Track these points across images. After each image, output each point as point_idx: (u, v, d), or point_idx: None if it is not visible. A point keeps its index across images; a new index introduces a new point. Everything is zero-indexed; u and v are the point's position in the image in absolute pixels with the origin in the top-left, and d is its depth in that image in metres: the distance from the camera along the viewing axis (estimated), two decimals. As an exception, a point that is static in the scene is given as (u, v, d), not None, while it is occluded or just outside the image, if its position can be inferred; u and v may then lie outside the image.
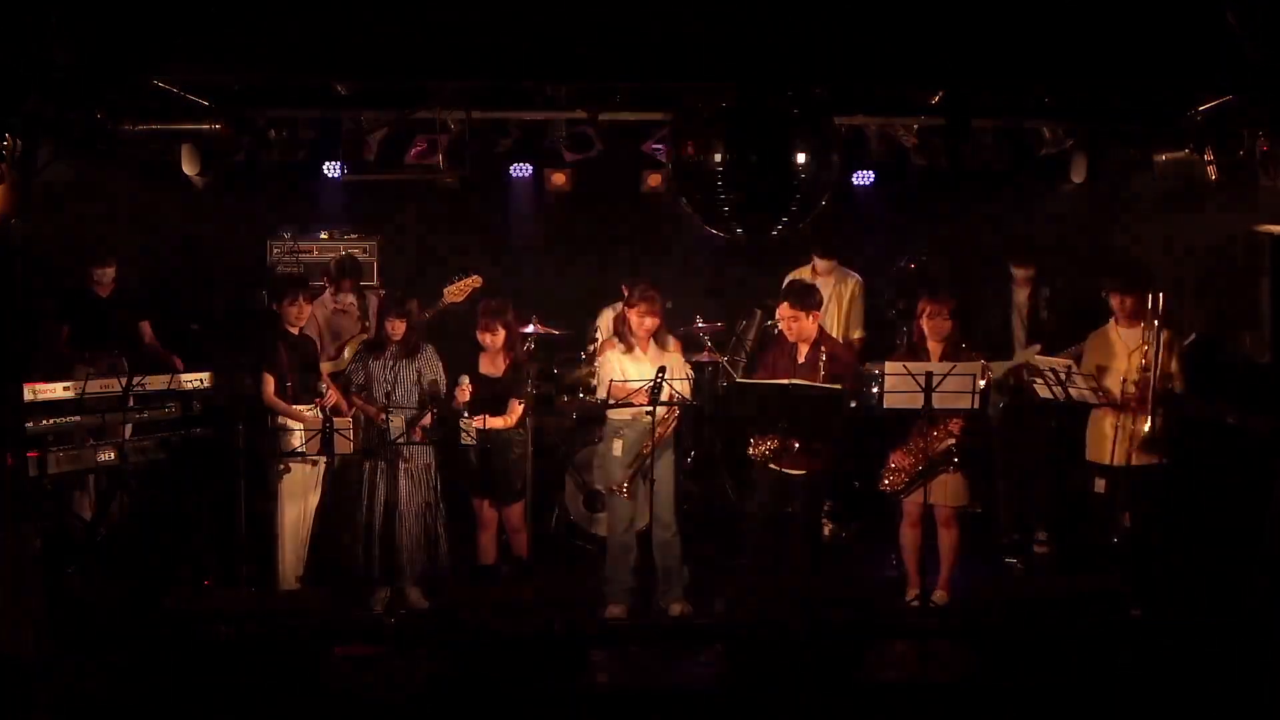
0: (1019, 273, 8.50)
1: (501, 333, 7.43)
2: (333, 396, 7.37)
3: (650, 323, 7.16)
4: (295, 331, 7.45)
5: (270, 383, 7.30)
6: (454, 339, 7.78)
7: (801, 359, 7.25)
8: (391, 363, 7.38)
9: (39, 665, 5.87)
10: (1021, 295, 8.47)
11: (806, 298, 7.22)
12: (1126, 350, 7.44)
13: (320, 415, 7.30)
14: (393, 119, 7.32)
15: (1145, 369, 7.30)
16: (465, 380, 7.27)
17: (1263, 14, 5.79)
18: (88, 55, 5.90)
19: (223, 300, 8.56)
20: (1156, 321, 7.29)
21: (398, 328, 7.40)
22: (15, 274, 6.07)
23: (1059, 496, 7.94)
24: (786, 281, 7.84)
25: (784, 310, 7.27)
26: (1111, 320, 7.55)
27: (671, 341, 7.38)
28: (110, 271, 8.02)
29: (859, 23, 6.02)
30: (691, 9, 5.99)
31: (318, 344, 7.74)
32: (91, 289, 8.00)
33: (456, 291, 7.73)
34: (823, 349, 7.10)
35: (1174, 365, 7.30)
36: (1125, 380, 7.27)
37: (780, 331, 7.52)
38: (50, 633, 5.99)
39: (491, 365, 7.50)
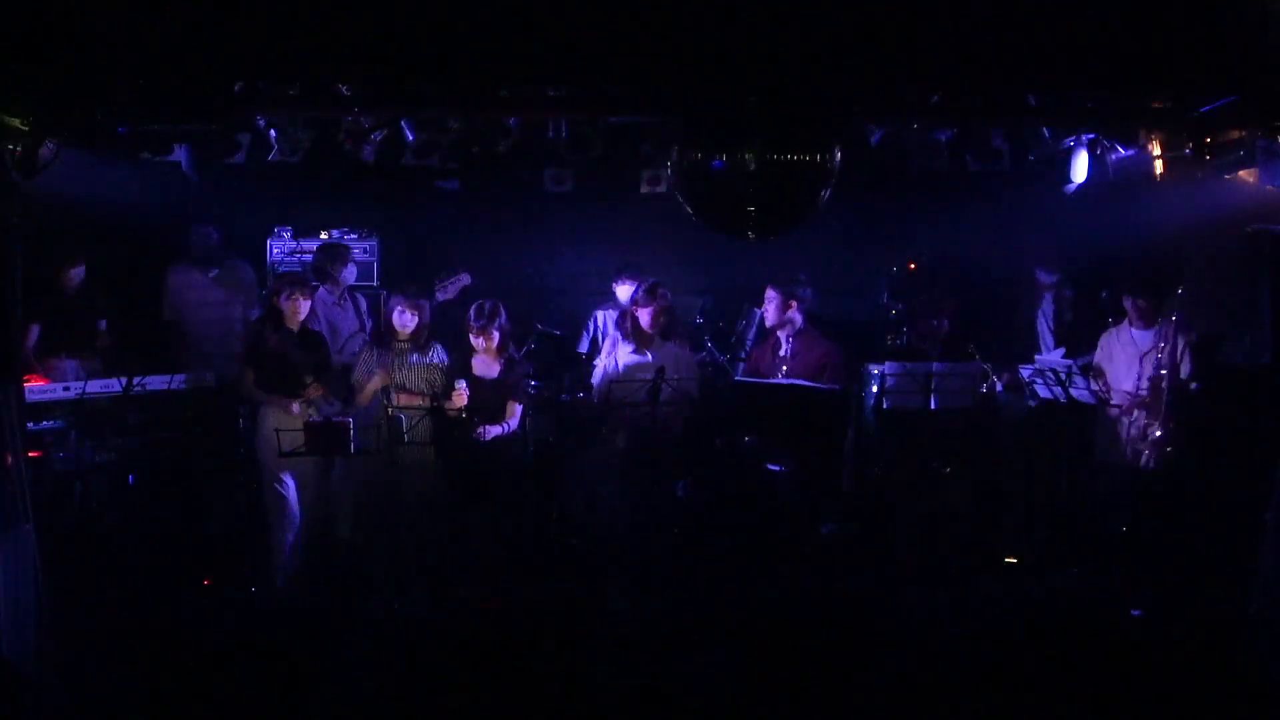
0: (1046, 279, 8.55)
1: (495, 335, 7.44)
2: (315, 389, 7.39)
3: (663, 319, 7.27)
4: (294, 329, 7.46)
5: (249, 375, 7.32)
6: (448, 341, 7.81)
7: (783, 351, 7.31)
8: (401, 358, 7.40)
9: (39, 666, 5.87)
10: (1047, 300, 8.51)
11: (790, 283, 7.28)
12: (1139, 352, 7.48)
13: (309, 410, 7.32)
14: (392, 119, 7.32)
15: (1160, 371, 7.35)
16: (461, 385, 7.27)
17: None
18: (89, 56, 5.90)
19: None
20: (1174, 322, 7.35)
21: (409, 324, 7.42)
22: (15, 274, 6.06)
23: (1067, 496, 7.95)
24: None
25: (769, 292, 7.36)
26: (1125, 321, 7.58)
27: (674, 339, 7.44)
28: (80, 272, 8.02)
29: (860, 24, 6.01)
30: (696, 12, 5.99)
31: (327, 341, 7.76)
32: (60, 289, 7.98)
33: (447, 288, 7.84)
34: (798, 343, 7.19)
35: (1187, 368, 7.33)
36: (1140, 381, 7.31)
37: (770, 328, 7.58)
38: (50, 633, 5.99)
39: (486, 368, 7.50)
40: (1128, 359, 7.58)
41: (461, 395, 7.25)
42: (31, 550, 5.96)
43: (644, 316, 7.61)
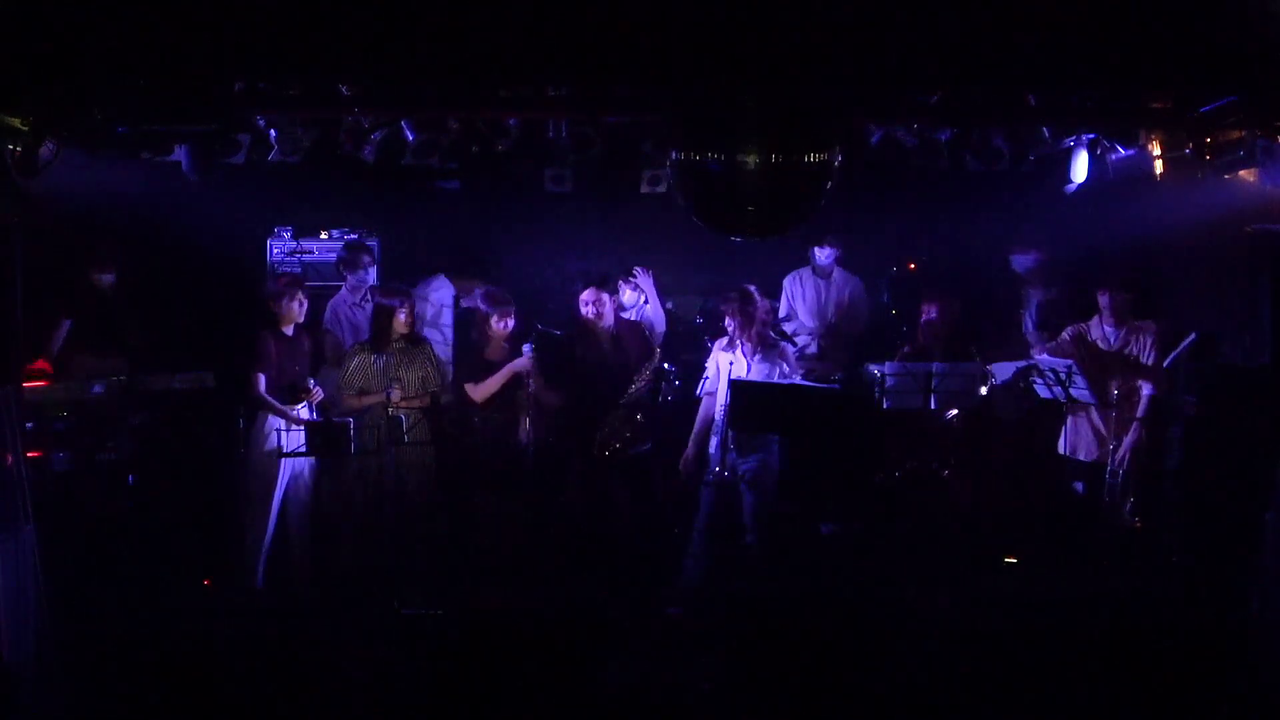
0: (1023, 264, 8.57)
1: (512, 321, 7.53)
2: (319, 394, 7.39)
3: (733, 325, 7.33)
4: (289, 331, 7.45)
5: (260, 381, 7.31)
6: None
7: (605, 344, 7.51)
8: (395, 359, 7.39)
9: (39, 666, 5.87)
10: (1033, 300, 8.53)
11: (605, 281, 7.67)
12: (1110, 348, 7.49)
13: (309, 413, 7.32)
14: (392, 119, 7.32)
15: (1130, 369, 7.38)
16: (527, 349, 7.41)
17: None
18: (89, 56, 5.90)
19: (221, 300, 8.57)
20: (1147, 324, 7.37)
21: (401, 323, 7.42)
22: (16, 274, 6.06)
23: (1053, 495, 7.96)
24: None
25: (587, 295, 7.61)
26: (1096, 318, 7.59)
27: (778, 343, 7.56)
28: (110, 277, 8.03)
29: (860, 24, 6.02)
30: (696, 11, 5.99)
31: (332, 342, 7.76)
32: (94, 288, 8.00)
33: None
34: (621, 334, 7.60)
35: (1154, 367, 7.35)
36: (1108, 377, 7.34)
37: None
38: (50, 633, 5.99)
39: (498, 352, 7.57)
40: (1093, 355, 7.58)
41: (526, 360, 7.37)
42: (31, 550, 5.96)
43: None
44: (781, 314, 8.96)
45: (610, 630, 6.53)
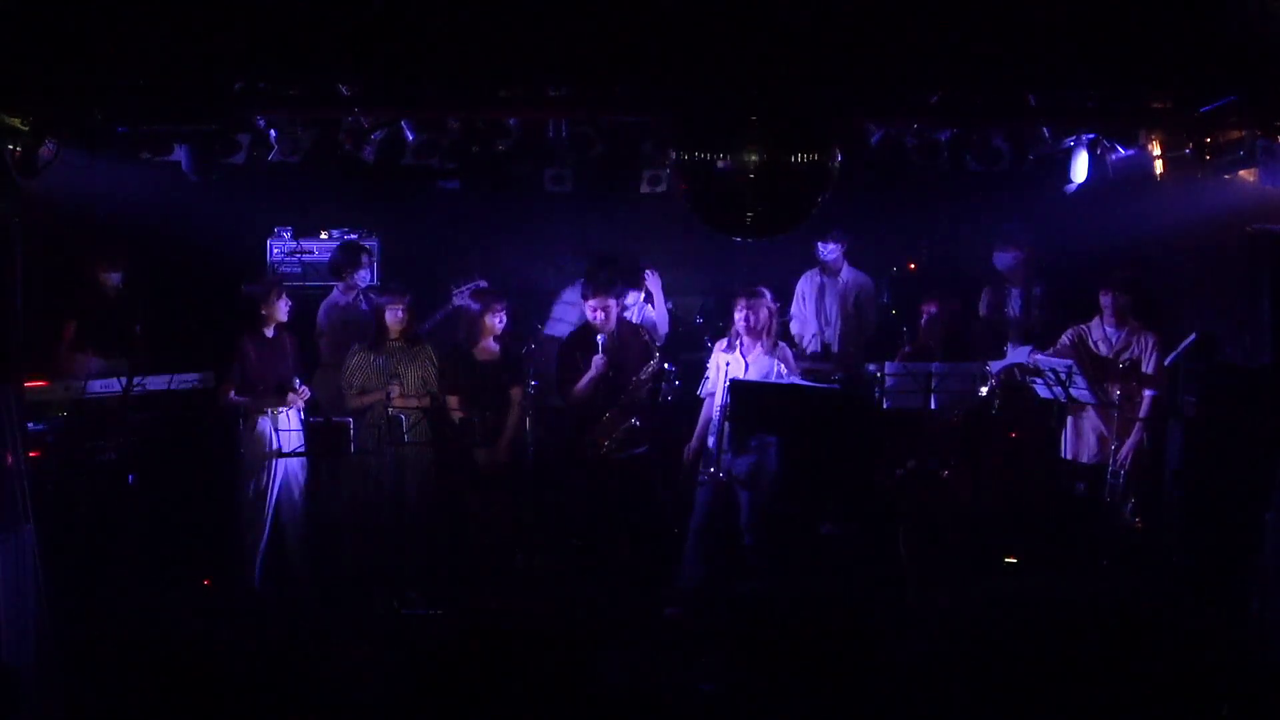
0: (1004, 261, 8.57)
1: (503, 317, 7.54)
2: (304, 393, 7.39)
3: (742, 323, 7.31)
4: (270, 333, 7.45)
5: (228, 390, 7.30)
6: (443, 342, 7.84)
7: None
8: (393, 358, 7.39)
9: (38, 667, 5.87)
10: (1014, 296, 8.52)
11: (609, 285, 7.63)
12: (1111, 349, 7.50)
13: (298, 415, 7.33)
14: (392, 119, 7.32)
15: (1130, 369, 7.38)
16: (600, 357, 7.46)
17: None
18: (89, 56, 5.91)
19: (221, 300, 8.57)
20: (1141, 325, 7.38)
21: (397, 322, 7.41)
22: (15, 274, 6.06)
23: (1053, 495, 7.96)
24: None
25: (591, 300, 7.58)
26: (1097, 318, 7.59)
27: (778, 343, 7.52)
28: (116, 277, 8.03)
29: (860, 24, 6.02)
30: (693, 12, 5.99)
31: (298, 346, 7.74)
32: (99, 287, 8.00)
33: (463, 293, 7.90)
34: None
35: (1155, 368, 7.36)
36: (1108, 379, 7.35)
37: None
38: (49, 634, 5.99)
39: (488, 352, 7.56)
40: (1093, 357, 7.58)
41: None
42: (31, 550, 5.96)
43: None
44: (790, 314, 8.92)
45: (610, 630, 6.52)
